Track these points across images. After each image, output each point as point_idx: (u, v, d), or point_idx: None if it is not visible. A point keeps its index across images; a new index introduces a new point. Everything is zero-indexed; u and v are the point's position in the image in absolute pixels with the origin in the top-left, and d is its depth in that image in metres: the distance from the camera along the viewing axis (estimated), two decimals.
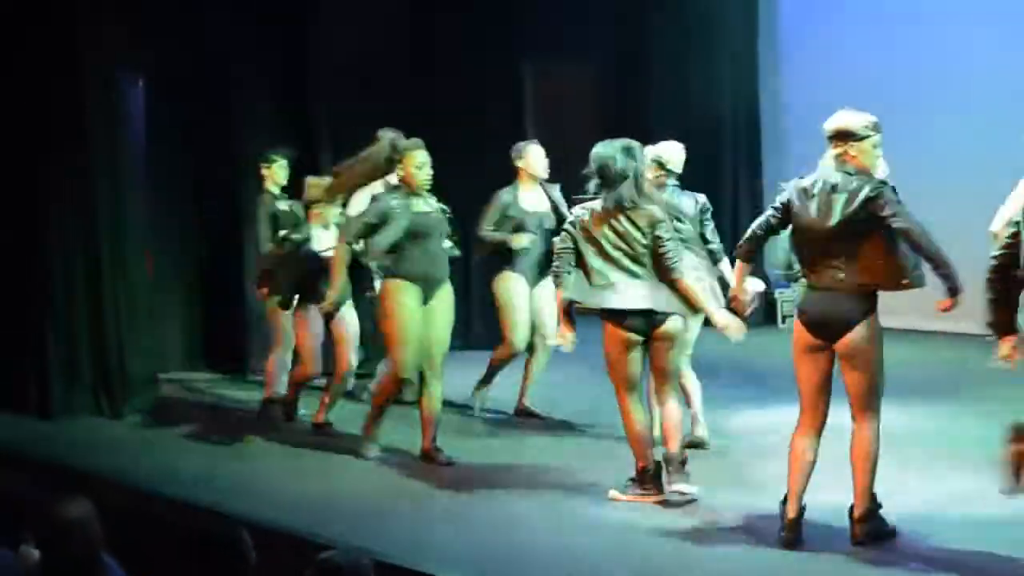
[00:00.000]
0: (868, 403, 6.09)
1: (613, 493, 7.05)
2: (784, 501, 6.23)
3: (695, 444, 7.88)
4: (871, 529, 6.17)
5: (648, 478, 6.99)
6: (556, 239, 7.39)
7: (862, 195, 5.95)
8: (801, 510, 6.21)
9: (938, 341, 11.62)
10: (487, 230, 8.84)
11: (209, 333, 11.59)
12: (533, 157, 8.97)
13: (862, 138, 6.10)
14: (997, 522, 6.52)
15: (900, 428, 6.13)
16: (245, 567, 4.32)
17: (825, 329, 6.07)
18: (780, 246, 6.81)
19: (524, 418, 9.05)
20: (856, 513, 6.16)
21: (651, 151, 7.87)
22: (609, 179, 6.86)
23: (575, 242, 6.94)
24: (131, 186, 10.05)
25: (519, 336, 8.85)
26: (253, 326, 11.17)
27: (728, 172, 13.79)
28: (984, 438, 7.24)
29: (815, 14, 13.77)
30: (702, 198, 8.14)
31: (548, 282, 7.98)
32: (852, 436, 6.14)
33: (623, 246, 6.85)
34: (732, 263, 6.96)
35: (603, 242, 6.87)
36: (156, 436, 9.12)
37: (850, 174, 6.03)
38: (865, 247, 5.98)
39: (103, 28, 9.84)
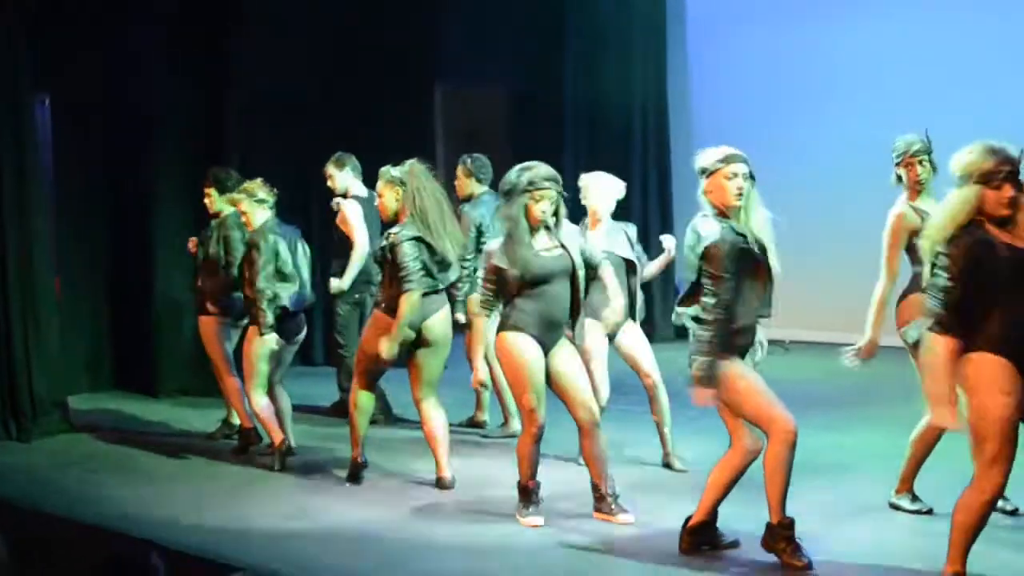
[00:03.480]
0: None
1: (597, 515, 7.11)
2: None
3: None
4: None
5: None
6: None
7: None
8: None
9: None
10: None
11: (118, 354, 11.55)
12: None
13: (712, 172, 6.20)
14: (897, 533, 6.69)
15: (803, 443, 6.19)
16: None
17: None
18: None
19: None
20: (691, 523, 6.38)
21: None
22: None
23: None
24: (38, 209, 9.95)
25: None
26: (162, 346, 11.18)
27: (637, 175, 13.98)
28: (881, 449, 7.42)
29: (721, 13, 14.06)
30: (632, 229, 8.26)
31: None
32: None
33: None
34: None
35: None
36: (65, 459, 9.04)
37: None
38: None
39: (9, 51, 9.75)
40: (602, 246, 7.76)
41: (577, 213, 8.06)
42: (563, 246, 6.99)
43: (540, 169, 6.95)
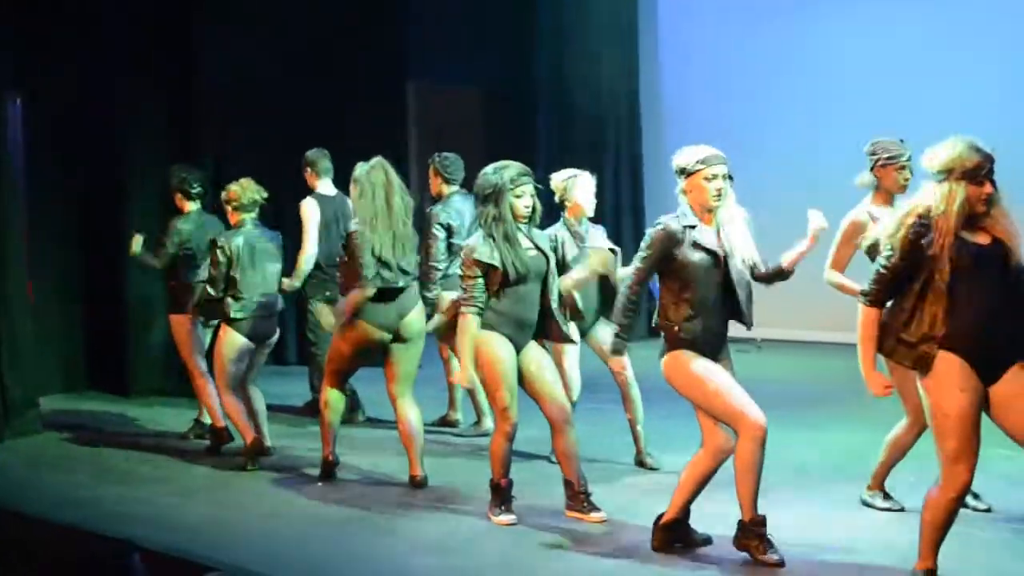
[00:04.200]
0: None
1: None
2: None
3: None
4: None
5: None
6: None
7: None
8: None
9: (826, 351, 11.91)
10: None
11: (91, 354, 11.54)
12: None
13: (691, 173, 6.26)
14: (869, 530, 6.74)
15: (774, 439, 6.23)
16: None
17: None
18: None
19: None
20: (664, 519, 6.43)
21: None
22: None
23: None
24: (10, 209, 9.91)
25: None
26: (134, 346, 11.18)
27: (609, 171, 14.04)
28: (854, 447, 7.47)
29: (693, 9, 14.20)
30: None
31: None
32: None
33: None
34: None
35: None
36: (39, 460, 9.02)
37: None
38: None
39: None
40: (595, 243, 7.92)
41: (550, 211, 8.10)
42: (537, 247, 7.04)
43: (515, 166, 7.02)
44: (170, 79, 11.37)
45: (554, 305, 7.07)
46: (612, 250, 8.12)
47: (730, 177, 6.25)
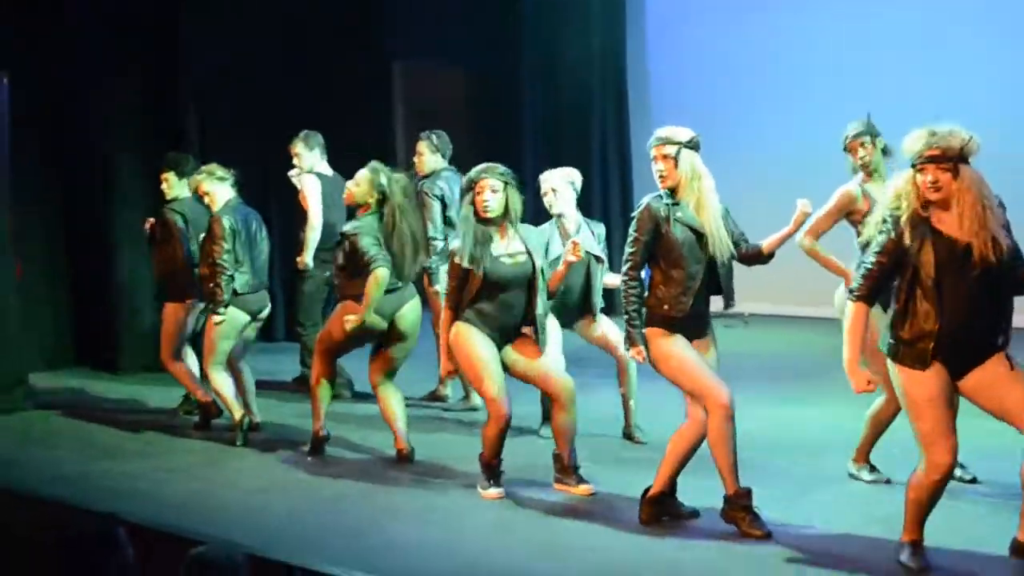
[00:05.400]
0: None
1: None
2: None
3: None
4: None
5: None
6: None
7: None
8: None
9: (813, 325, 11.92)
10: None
11: (79, 331, 11.53)
12: None
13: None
14: (855, 502, 6.78)
15: (760, 413, 6.27)
16: (122, 566, 4.33)
17: None
18: None
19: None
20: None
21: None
22: None
23: None
24: None
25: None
26: (122, 323, 11.18)
27: (596, 153, 13.99)
28: (841, 421, 7.50)
29: None
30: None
31: None
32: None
33: None
34: None
35: None
36: (27, 437, 9.03)
37: None
38: None
39: None
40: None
41: (537, 205, 8.13)
42: (527, 250, 7.05)
43: (480, 166, 7.06)
44: (156, 60, 11.34)
45: (539, 312, 7.07)
46: (598, 258, 8.13)
47: (678, 155, 6.28)
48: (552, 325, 7.89)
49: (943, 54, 12.17)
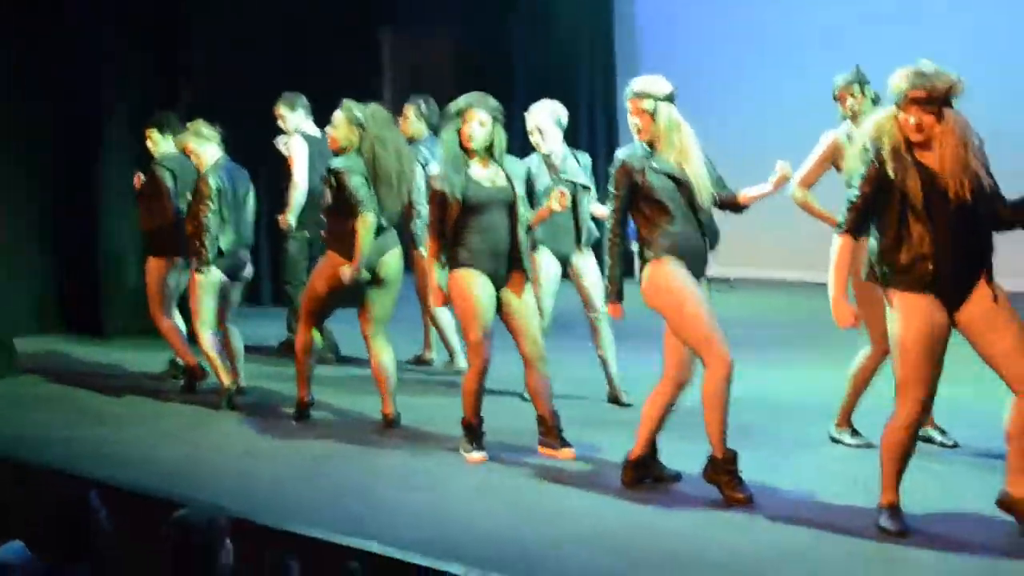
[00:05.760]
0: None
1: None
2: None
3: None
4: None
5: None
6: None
7: None
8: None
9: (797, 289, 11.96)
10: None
11: (65, 295, 11.52)
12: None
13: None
14: (837, 466, 6.82)
15: (745, 377, 6.29)
16: (95, 528, 4.36)
17: None
18: None
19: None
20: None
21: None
22: None
23: None
24: None
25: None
26: (109, 286, 11.18)
27: (585, 109, 13.98)
28: (825, 385, 7.54)
29: None
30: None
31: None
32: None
33: None
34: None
35: None
36: (12, 401, 9.03)
37: None
38: None
39: None
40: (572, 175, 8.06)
41: (527, 150, 8.13)
42: (508, 177, 7.06)
43: (472, 95, 7.05)
44: (154, 29, 11.34)
45: (521, 235, 7.09)
46: (585, 186, 8.14)
47: (656, 109, 6.28)
48: (547, 263, 8.06)
49: (936, 13, 12.15)
